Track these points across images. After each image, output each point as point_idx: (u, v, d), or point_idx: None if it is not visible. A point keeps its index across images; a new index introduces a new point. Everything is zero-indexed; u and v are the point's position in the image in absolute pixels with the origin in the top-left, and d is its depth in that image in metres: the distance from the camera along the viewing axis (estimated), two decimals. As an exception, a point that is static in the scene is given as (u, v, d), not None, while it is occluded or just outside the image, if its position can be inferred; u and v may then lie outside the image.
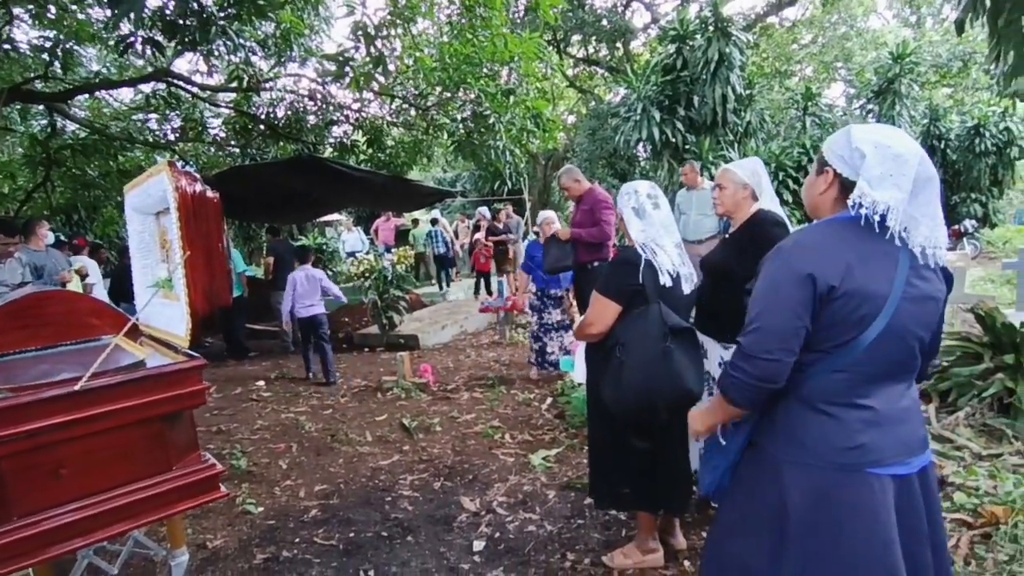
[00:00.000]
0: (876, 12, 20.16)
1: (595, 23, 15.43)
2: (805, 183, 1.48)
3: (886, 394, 1.35)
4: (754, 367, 1.33)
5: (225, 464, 3.88)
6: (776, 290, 1.33)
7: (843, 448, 1.31)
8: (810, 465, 1.34)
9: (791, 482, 1.35)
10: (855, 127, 1.35)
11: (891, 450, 1.33)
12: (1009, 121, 12.79)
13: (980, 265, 10.06)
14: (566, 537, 2.78)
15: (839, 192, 1.36)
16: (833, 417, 1.33)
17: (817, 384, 1.34)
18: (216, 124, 10.05)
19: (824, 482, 1.32)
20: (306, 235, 15.25)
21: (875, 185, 1.27)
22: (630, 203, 2.31)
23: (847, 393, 1.33)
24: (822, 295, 1.27)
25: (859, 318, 1.28)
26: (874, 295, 1.27)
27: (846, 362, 1.31)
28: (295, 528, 3.04)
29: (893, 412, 1.34)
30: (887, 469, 1.32)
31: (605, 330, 2.22)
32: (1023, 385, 3.45)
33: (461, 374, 5.97)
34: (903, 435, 1.35)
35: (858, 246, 1.30)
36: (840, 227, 1.34)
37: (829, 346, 1.32)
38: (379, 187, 7.15)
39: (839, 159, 1.35)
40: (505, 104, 7.02)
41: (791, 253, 1.35)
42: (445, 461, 3.77)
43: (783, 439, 1.39)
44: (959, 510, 2.52)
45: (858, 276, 1.27)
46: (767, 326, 1.32)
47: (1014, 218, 17.49)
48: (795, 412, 1.37)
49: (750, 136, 10.72)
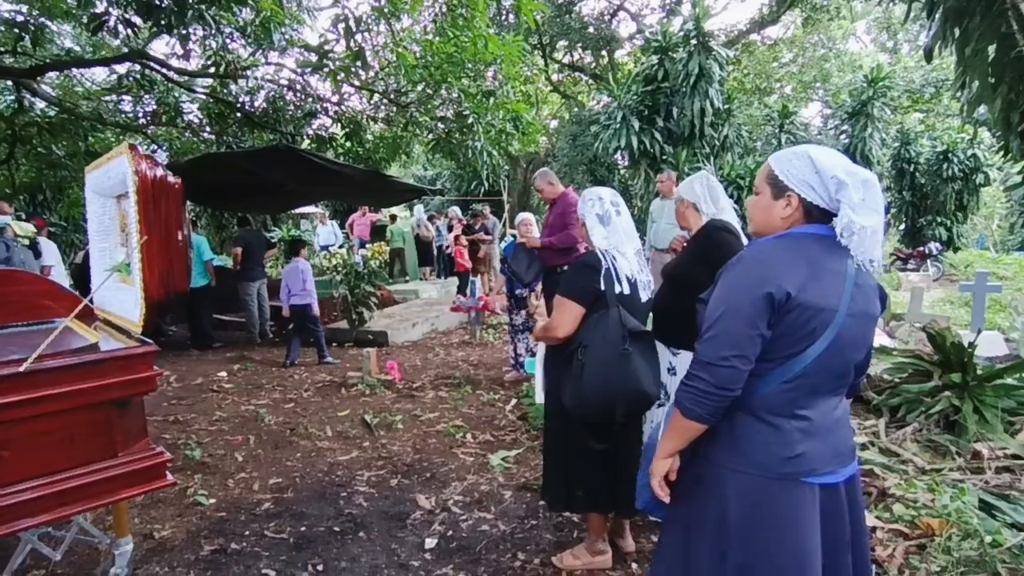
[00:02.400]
0: (855, 36, 20.72)
1: (581, 30, 15.55)
2: (755, 204, 1.48)
3: (822, 406, 1.40)
4: (712, 374, 1.33)
5: (179, 454, 3.82)
6: (734, 298, 1.35)
7: (784, 458, 1.35)
8: (751, 475, 1.37)
9: (732, 491, 1.38)
10: (812, 152, 1.39)
11: (824, 460, 1.38)
12: (976, 148, 13.20)
13: (941, 287, 10.36)
14: (518, 537, 2.80)
15: (802, 215, 1.40)
16: (775, 427, 1.37)
17: (765, 395, 1.37)
18: (191, 109, 9.87)
19: (763, 492, 1.36)
20: (280, 226, 15.06)
21: (859, 212, 1.31)
22: (594, 210, 2.33)
23: (791, 404, 1.37)
24: (780, 304, 1.30)
25: (810, 330, 1.32)
26: (825, 308, 1.32)
27: (794, 373, 1.35)
28: (246, 521, 3.01)
29: (827, 423, 1.40)
30: (819, 478, 1.37)
31: (571, 332, 2.24)
32: (968, 404, 3.57)
33: (428, 372, 5.96)
34: (835, 445, 1.40)
35: (813, 261, 1.34)
36: (797, 242, 1.39)
37: (780, 357, 1.35)
38: (356, 181, 7.12)
39: (805, 185, 1.37)
40: (485, 105, 7.04)
41: (751, 263, 1.39)
42: (404, 459, 3.77)
43: (726, 448, 1.41)
44: (897, 521, 2.61)
45: (812, 289, 1.31)
46: (724, 333, 1.34)
47: (976, 243, 18.06)
48: (739, 422, 1.40)
49: (726, 150, 10.90)
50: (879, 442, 3.52)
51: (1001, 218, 21.42)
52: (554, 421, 2.55)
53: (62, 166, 9.36)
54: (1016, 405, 3.62)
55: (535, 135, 8.99)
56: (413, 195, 10.04)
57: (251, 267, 7.74)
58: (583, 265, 2.29)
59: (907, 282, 10.09)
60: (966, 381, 3.68)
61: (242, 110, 8.91)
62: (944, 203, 13.56)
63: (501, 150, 8.07)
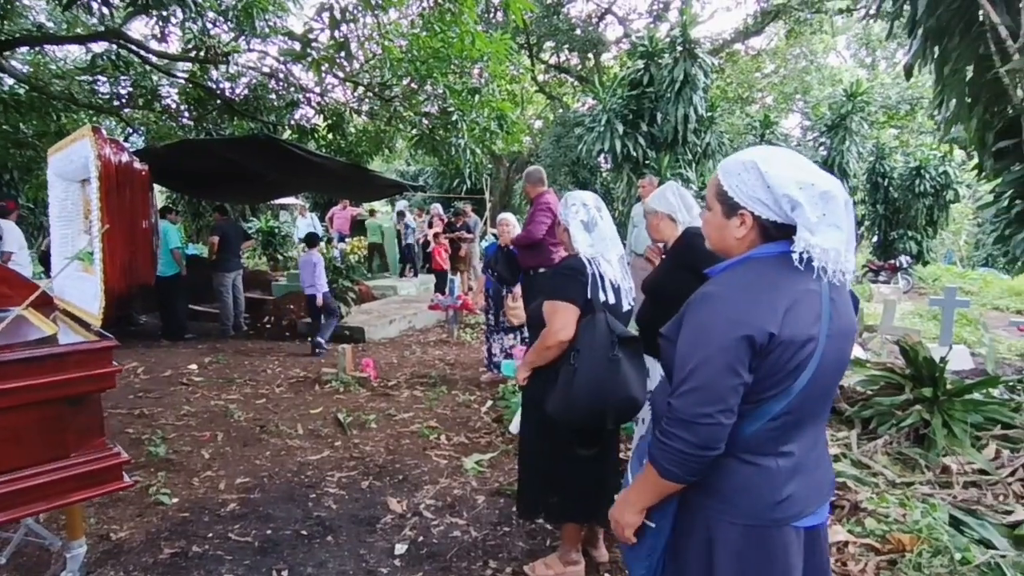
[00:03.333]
0: (835, 50, 21.06)
1: (568, 31, 15.55)
2: (709, 222, 1.35)
3: (807, 438, 1.29)
4: (693, 433, 1.17)
5: (142, 450, 3.70)
6: (708, 344, 1.18)
7: (772, 503, 1.24)
8: (737, 524, 1.25)
9: (718, 540, 1.27)
10: (759, 162, 1.23)
11: (810, 499, 1.28)
12: (947, 165, 13.54)
13: (911, 300, 10.58)
14: (490, 544, 2.75)
15: (759, 234, 1.26)
16: (761, 468, 1.25)
17: (748, 436, 1.24)
18: (169, 93, 9.61)
19: (750, 540, 1.25)
20: (258, 217, 14.80)
21: (816, 231, 1.18)
22: (579, 216, 2.26)
23: (775, 442, 1.25)
24: (762, 346, 1.16)
25: (796, 365, 1.19)
26: (808, 338, 1.19)
27: (779, 410, 1.22)
28: (210, 522, 2.91)
29: (810, 457, 1.30)
30: (805, 521, 1.28)
31: (572, 334, 2.15)
32: (938, 418, 3.61)
33: (404, 370, 5.87)
34: (819, 480, 1.31)
35: (787, 288, 1.20)
36: (764, 266, 1.24)
37: (764, 397, 1.22)
38: (337, 174, 7.00)
39: (756, 202, 1.23)
40: (470, 102, 6.97)
41: (720, 301, 1.22)
42: (376, 460, 3.69)
43: (710, 495, 1.28)
44: (869, 536, 2.61)
45: (792, 322, 1.17)
46: (703, 387, 1.17)
47: (944, 257, 18.52)
48: (722, 466, 1.25)
49: (708, 157, 10.97)
50: (851, 454, 3.54)
51: (969, 234, 21.99)
52: (531, 426, 2.50)
53: (30, 146, 9.07)
54: (983, 420, 3.68)
55: (519, 135, 8.93)
56: (395, 190, 9.92)
57: (227, 257, 7.58)
58: (569, 268, 2.24)
59: (879, 294, 10.28)
60: (936, 395, 3.73)
61: (222, 97, 8.70)
62: (915, 217, 13.87)
63: (485, 148, 8.01)
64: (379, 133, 8.79)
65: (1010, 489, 3.14)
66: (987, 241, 16.94)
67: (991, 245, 16.15)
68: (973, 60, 4.23)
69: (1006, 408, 3.75)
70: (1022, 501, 3.04)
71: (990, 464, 3.33)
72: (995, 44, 3.89)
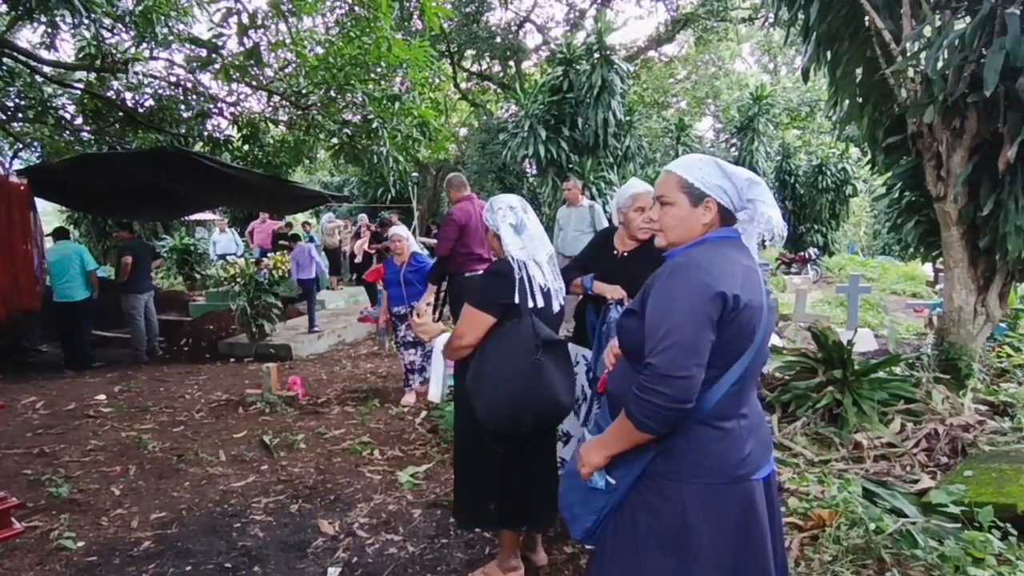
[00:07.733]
0: (741, 57, 22.25)
1: (489, 39, 15.62)
2: (671, 215, 1.48)
3: (752, 400, 1.47)
4: (670, 387, 1.28)
5: (42, 492, 3.38)
6: (681, 305, 1.32)
7: (739, 460, 1.39)
8: (708, 483, 1.37)
9: (693, 504, 1.37)
10: (714, 160, 1.48)
11: (762, 454, 1.44)
12: (846, 163, 14.63)
13: (820, 288, 11.28)
14: (428, 558, 2.68)
15: (719, 219, 1.46)
16: (727, 431, 1.39)
17: (716, 401, 1.36)
18: (63, 105, 8.91)
19: (720, 497, 1.37)
20: (172, 234, 13.99)
21: (771, 207, 1.44)
22: (507, 220, 2.22)
23: (736, 405, 1.40)
24: (731, 307, 1.31)
25: (751, 330, 1.36)
26: (758, 306, 1.37)
27: (739, 374, 1.37)
28: (121, 564, 2.68)
29: (757, 416, 1.47)
30: (760, 473, 1.43)
31: (475, 342, 2.16)
32: (848, 397, 3.85)
33: (334, 386, 5.69)
34: (764, 436, 1.47)
35: (740, 261, 1.40)
36: (722, 245, 1.43)
37: (728, 360, 1.35)
38: (255, 187, 6.72)
39: (719, 190, 1.44)
40: (391, 110, 6.86)
41: (690, 268, 1.36)
42: (306, 481, 3.54)
43: (678, 460, 1.39)
44: (792, 514, 2.74)
45: (748, 289, 1.35)
46: (680, 340, 1.29)
47: (847, 248, 19.89)
48: (693, 433, 1.38)
49: (629, 160, 11.30)
50: (774, 438, 3.71)
51: (867, 225, 23.75)
52: (462, 433, 2.46)
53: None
54: (888, 396, 3.95)
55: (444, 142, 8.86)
56: (317, 202, 9.63)
57: (138, 278, 7.12)
58: (494, 274, 2.21)
59: (791, 285, 10.92)
60: (846, 376, 3.98)
61: (124, 108, 8.15)
62: (820, 212, 14.88)
63: (408, 156, 7.90)
64: (298, 143, 8.50)
65: (915, 460, 3.38)
66: (883, 231, 18.38)
67: (887, 234, 17.55)
68: (862, 63, 4.56)
69: (907, 384, 4.05)
70: (927, 470, 3.29)
71: (896, 437, 3.58)
72: (880, 48, 4.21)
